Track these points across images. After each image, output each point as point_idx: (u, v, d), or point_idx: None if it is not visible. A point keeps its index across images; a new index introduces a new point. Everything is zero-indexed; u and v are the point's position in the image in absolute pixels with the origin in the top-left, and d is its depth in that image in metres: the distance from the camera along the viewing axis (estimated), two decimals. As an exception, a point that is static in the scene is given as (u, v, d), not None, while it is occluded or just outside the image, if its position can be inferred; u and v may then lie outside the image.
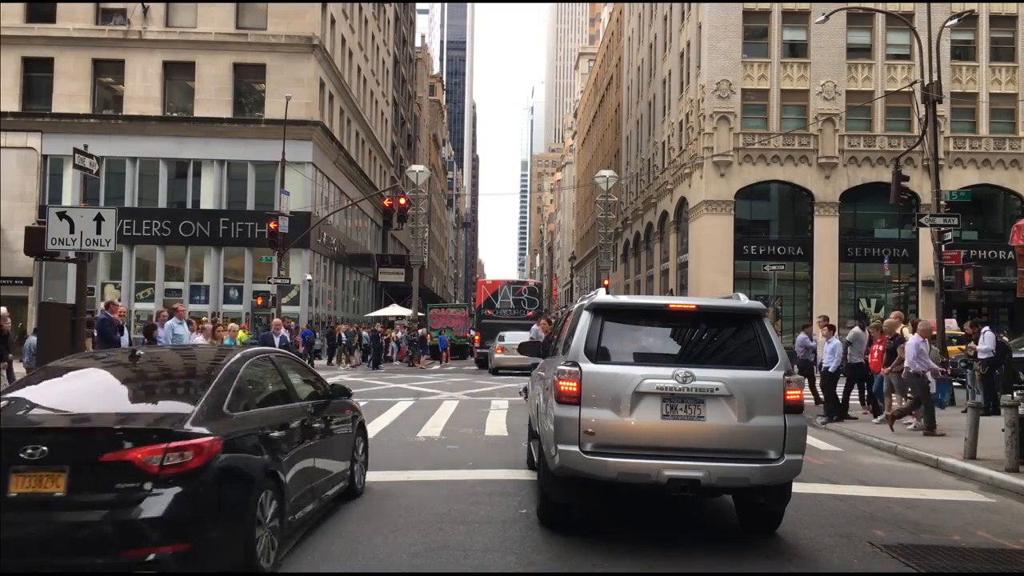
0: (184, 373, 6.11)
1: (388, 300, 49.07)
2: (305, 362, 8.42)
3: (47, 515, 4.47)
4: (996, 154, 37.07)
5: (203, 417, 4.96)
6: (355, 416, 7.90)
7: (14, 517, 4.42)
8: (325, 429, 6.80)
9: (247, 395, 5.71)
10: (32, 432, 4.77)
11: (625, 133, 60.81)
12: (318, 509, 6.58)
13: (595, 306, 6.43)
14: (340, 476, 7.15)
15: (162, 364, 6.37)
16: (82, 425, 4.93)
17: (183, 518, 4.55)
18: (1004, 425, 9.37)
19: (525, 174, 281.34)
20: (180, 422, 4.82)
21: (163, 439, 4.64)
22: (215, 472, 4.78)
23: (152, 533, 4.49)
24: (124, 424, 4.83)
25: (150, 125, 33.19)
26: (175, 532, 4.53)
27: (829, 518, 7.20)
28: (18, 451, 4.51)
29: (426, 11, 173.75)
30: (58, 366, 6.04)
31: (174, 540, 4.52)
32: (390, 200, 31.33)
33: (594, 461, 5.92)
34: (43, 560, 4.48)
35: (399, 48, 63.27)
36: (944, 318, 17.82)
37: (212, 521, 4.73)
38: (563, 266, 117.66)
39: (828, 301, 35.76)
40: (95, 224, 10.89)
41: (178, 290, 33.35)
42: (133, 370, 5.95)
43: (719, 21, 37.13)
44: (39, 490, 4.49)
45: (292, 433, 6.00)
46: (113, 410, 5.11)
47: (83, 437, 4.79)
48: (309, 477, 6.22)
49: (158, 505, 4.51)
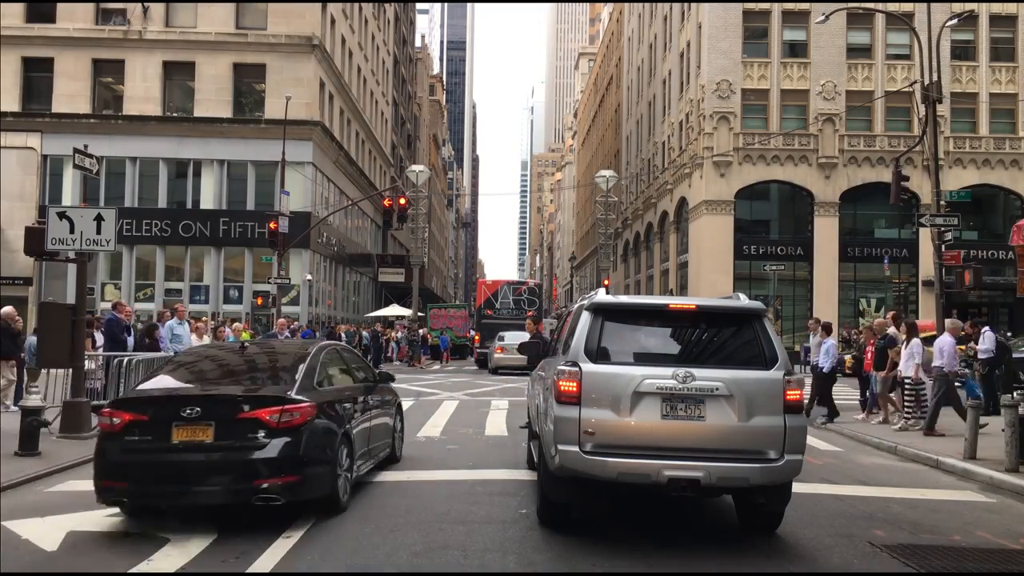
0: (283, 359, 7.85)
1: (388, 300, 49.06)
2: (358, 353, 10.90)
3: (199, 455, 6.34)
4: (996, 154, 37.07)
5: (302, 389, 6.86)
6: (395, 398, 9.94)
7: (176, 456, 6.37)
8: (376, 405, 8.73)
9: (326, 376, 7.67)
10: (189, 399, 6.61)
11: (625, 133, 60.80)
12: (372, 467, 8.53)
13: (595, 306, 6.43)
14: (386, 444, 9.16)
15: (266, 353, 8.48)
16: (223, 393, 6.94)
17: (293, 459, 6.43)
18: (1004, 425, 9.37)
19: (525, 174, 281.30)
20: (288, 391, 6.72)
21: (279, 403, 6.54)
22: (312, 427, 6.66)
23: (273, 468, 6.35)
24: (252, 392, 6.90)
25: (150, 125, 33.17)
26: (288, 468, 6.40)
27: (829, 518, 7.20)
28: (179, 411, 6.42)
29: (426, 11, 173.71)
30: (191, 354, 8.73)
31: (287, 474, 6.40)
32: (390, 200, 31.31)
33: (594, 461, 5.92)
34: (197, 485, 6.33)
35: (399, 48, 63.26)
36: (944, 318, 17.78)
37: (311, 462, 6.61)
38: (563, 266, 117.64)
39: (828, 301, 35.77)
40: (95, 224, 10.91)
41: (178, 290, 33.33)
42: (245, 357, 8.02)
43: (719, 21, 37.13)
44: (193, 439, 6.39)
45: (356, 406, 7.94)
46: (242, 383, 7.36)
47: (224, 401, 6.66)
48: (367, 440, 8.15)
49: (277, 449, 6.40)
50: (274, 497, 6.36)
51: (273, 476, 6.33)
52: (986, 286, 31.29)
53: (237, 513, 6.51)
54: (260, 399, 6.65)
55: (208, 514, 6.56)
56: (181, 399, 6.63)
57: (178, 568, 5.49)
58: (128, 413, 6.58)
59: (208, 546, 5.96)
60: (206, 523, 6.47)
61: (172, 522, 6.46)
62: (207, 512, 6.57)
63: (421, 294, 42.14)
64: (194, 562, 5.61)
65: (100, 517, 6.82)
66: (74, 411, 10.89)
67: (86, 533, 6.37)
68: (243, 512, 6.49)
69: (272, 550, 5.85)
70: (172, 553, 5.78)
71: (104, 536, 6.34)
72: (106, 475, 6.48)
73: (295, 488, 6.46)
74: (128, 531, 6.46)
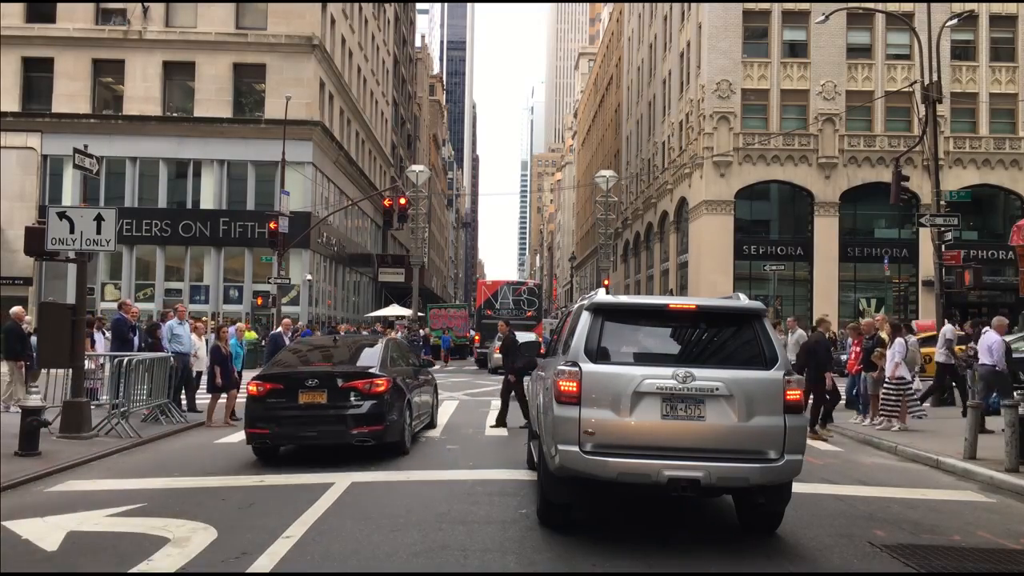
0: (365, 347, 11.11)
1: (388, 300, 49.06)
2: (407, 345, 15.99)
3: (317, 412, 9.49)
4: (996, 154, 37.08)
5: (381, 368, 10.05)
6: (433, 379, 13.50)
7: (301, 412, 9.47)
8: (422, 383, 11.98)
9: (392, 360, 10.73)
10: (311, 374, 9.74)
11: (625, 133, 60.80)
12: (421, 428, 11.83)
13: (595, 306, 6.43)
14: (428, 413, 12.40)
15: (352, 343, 11.85)
16: (332, 370, 9.97)
17: (378, 415, 9.55)
18: (1004, 425, 9.37)
19: (525, 174, 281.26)
20: (372, 369, 9.88)
21: (368, 378, 9.68)
22: (389, 394, 9.76)
23: (365, 420, 9.47)
24: (350, 370, 9.96)
25: (150, 125, 33.19)
26: (375, 421, 9.53)
27: (829, 518, 7.19)
28: (304, 382, 9.57)
29: (426, 11, 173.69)
30: (302, 343, 13.19)
31: (374, 424, 9.53)
32: (390, 200, 31.31)
33: (594, 461, 5.91)
34: (315, 432, 9.51)
35: (399, 48, 63.26)
36: (944, 318, 17.78)
37: (389, 418, 9.71)
38: (563, 266, 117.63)
39: (828, 301, 35.78)
40: (95, 224, 10.91)
41: (178, 290, 33.34)
42: (339, 346, 11.63)
43: (719, 21, 37.13)
44: (313, 401, 9.50)
45: (412, 382, 11.11)
46: (342, 364, 10.48)
47: (333, 376, 9.71)
48: (418, 408, 11.32)
49: (367, 408, 9.51)
50: (366, 440, 9.50)
51: (365, 426, 9.47)
52: (986, 286, 31.29)
53: (341, 451, 9.79)
54: (356, 374, 9.76)
55: (322, 452, 9.90)
56: (306, 375, 9.79)
57: (178, 568, 5.48)
58: (269, 383, 9.67)
59: (208, 546, 5.96)
60: (207, 522, 6.50)
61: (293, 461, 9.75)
62: (321, 450, 9.95)
63: (421, 294, 42.15)
64: (194, 562, 5.61)
65: (100, 517, 6.83)
66: (74, 411, 10.89)
67: (86, 533, 6.37)
68: (346, 450, 9.76)
69: (272, 550, 5.85)
70: (172, 553, 5.78)
71: (104, 536, 6.34)
72: (255, 424, 9.53)
73: (379, 435, 9.60)
74: (128, 531, 6.46)
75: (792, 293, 36.67)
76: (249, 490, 8.08)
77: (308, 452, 10.28)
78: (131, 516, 6.86)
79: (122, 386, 11.63)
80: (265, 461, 9.71)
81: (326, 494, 7.73)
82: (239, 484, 8.38)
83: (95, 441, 10.74)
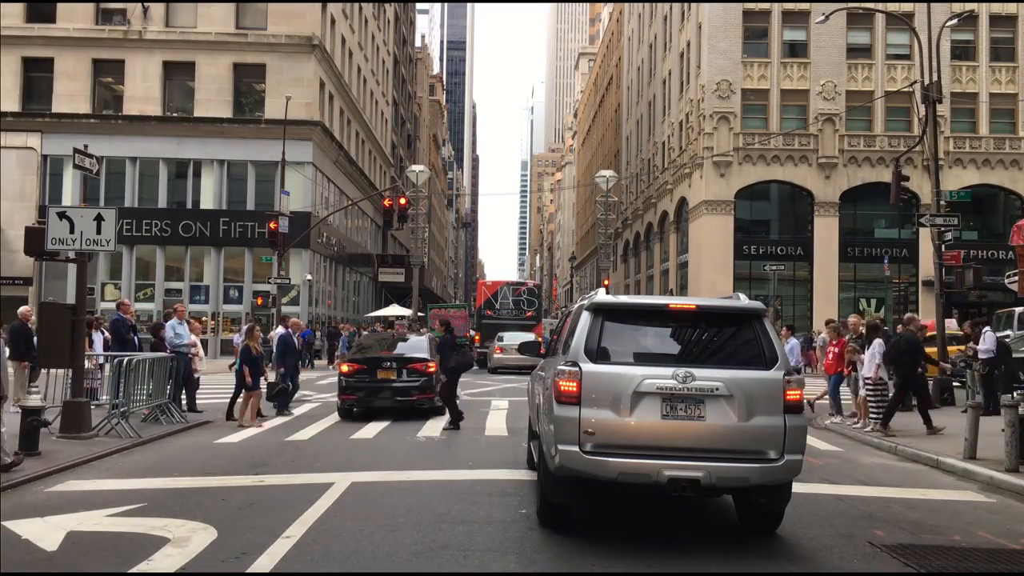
0: (418, 340, 15.83)
1: (388, 300, 49.04)
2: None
3: (390, 384, 14.14)
4: (996, 154, 37.08)
5: (429, 355, 14.50)
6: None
7: (378, 385, 14.11)
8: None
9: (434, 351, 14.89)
10: (387, 359, 14.48)
11: (625, 133, 60.80)
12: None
13: (595, 306, 6.43)
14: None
15: (406, 338, 16.24)
16: (401, 356, 14.52)
17: (429, 386, 14.12)
18: (1004, 425, 9.37)
19: (525, 174, 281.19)
20: (426, 355, 14.57)
21: (424, 362, 14.27)
22: (435, 374, 14.05)
23: (423, 391, 14.13)
24: (412, 355, 14.51)
25: (150, 125, 33.18)
26: (428, 390, 14.12)
27: (829, 518, 7.19)
28: (381, 364, 14.27)
29: (426, 11, 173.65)
30: (370, 338, 19.59)
31: (428, 392, 14.13)
32: (390, 200, 31.31)
33: (594, 461, 5.91)
34: (388, 399, 14.07)
35: (399, 48, 63.25)
36: (944, 318, 17.79)
37: (435, 389, 14.04)
38: (563, 266, 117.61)
39: (828, 301, 35.80)
40: (95, 224, 10.91)
41: (178, 290, 33.33)
42: (399, 339, 16.10)
43: (719, 21, 37.14)
44: (387, 377, 14.18)
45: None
46: (404, 351, 14.90)
47: (402, 360, 14.30)
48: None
49: (424, 382, 14.14)
50: (423, 404, 14.02)
51: (423, 394, 14.03)
52: (986, 286, 31.22)
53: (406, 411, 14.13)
54: (416, 359, 14.25)
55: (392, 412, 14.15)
56: (383, 358, 14.40)
57: (178, 568, 5.48)
58: (356, 364, 14.17)
59: (208, 546, 5.96)
60: (207, 522, 6.51)
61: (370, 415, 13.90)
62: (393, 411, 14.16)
63: (421, 294, 42.14)
64: (194, 562, 5.60)
65: (100, 517, 6.83)
66: (74, 411, 10.88)
67: (86, 533, 6.37)
68: (412, 410, 14.15)
69: (272, 550, 5.85)
70: (172, 553, 5.78)
71: (104, 536, 6.34)
72: (346, 392, 13.96)
73: (431, 401, 14.01)
74: (128, 531, 6.46)
75: (792, 293, 36.68)
76: (249, 490, 8.07)
77: (308, 454, 10.28)
78: (131, 516, 6.86)
79: (122, 386, 11.63)
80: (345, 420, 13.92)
81: (326, 494, 7.72)
82: (239, 484, 8.37)
83: (95, 441, 10.74)
